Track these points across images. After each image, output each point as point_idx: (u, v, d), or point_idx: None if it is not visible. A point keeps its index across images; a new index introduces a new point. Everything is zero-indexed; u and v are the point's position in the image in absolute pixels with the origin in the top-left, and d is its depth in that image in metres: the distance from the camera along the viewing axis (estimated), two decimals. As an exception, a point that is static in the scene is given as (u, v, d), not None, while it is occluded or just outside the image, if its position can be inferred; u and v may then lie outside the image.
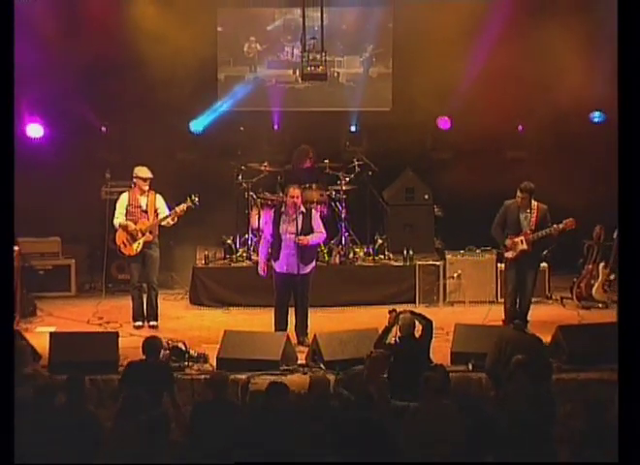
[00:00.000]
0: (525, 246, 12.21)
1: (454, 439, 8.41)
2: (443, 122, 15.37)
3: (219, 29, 15.38)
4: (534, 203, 12.29)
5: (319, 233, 12.06)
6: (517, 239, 12.25)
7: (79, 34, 14.12)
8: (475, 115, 14.44)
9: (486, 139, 14.69)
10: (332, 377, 9.91)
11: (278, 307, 12.04)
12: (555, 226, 12.16)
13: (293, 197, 11.91)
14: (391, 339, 10.42)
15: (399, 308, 10.82)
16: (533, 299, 13.02)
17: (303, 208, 12.03)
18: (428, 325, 10.41)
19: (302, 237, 11.81)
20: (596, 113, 15.12)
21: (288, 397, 8.80)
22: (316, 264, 12.30)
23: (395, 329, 10.38)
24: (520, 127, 15.33)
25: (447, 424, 8.56)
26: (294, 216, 11.92)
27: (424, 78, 14.45)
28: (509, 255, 12.37)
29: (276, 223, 11.98)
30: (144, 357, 9.76)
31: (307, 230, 11.92)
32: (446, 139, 15.62)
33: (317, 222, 12.09)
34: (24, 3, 13.45)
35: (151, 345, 9.79)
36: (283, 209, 12.03)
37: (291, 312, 12.08)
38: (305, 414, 8.61)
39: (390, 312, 10.51)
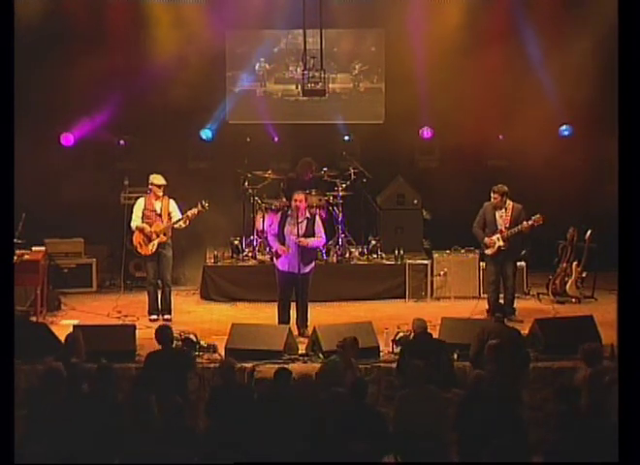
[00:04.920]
0: (501, 243, 12.30)
1: (437, 420, 8.45)
2: (426, 132, 15.38)
3: (238, 51, 15.51)
4: (509, 203, 12.41)
5: (319, 238, 12.04)
6: (494, 237, 12.33)
7: (102, 56, 14.15)
8: (458, 126, 14.46)
9: (469, 149, 14.71)
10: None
11: (281, 302, 12.02)
12: (525, 222, 12.21)
13: (296, 201, 11.91)
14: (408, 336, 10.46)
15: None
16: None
17: (308, 214, 12.02)
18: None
19: (302, 239, 11.79)
20: (564, 127, 15.11)
21: (292, 381, 8.84)
22: (315, 265, 12.28)
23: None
24: (500, 137, 15.34)
25: (432, 407, 8.60)
26: (299, 220, 11.90)
27: (413, 95, 14.50)
28: (489, 252, 12.46)
29: (282, 225, 11.97)
30: (160, 347, 9.80)
31: (310, 233, 11.91)
32: (433, 150, 15.64)
33: (319, 228, 12.08)
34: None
35: (163, 332, 9.83)
36: (289, 212, 12.03)
37: (292, 307, 12.07)
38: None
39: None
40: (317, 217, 12.28)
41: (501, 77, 14.64)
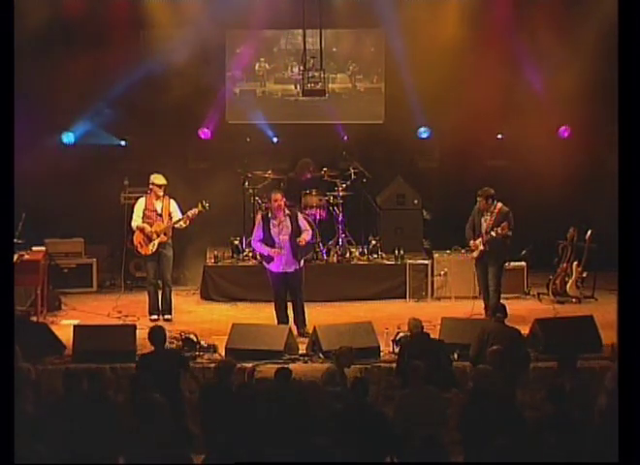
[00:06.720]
0: (482, 246, 12.27)
1: (437, 420, 8.45)
2: (425, 132, 15.41)
3: (237, 51, 15.54)
4: (497, 206, 12.33)
5: (307, 231, 11.98)
6: (477, 241, 12.33)
7: (102, 56, 14.17)
8: (458, 126, 14.46)
9: (469, 149, 14.72)
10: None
11: (277, 303, 12.02)
12: (496, 228, 12.13)
13: (276, 201, 11.86)
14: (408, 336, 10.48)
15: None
16: (512, 295, 13.22)
17: (287, 211, 11.97)
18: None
19: (301, 238, 11.79)
20: (563, 128, 15.14)
21: (292, 381, 8.86)
22: (304, 262, 12.23)
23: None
24: (499, 136, 15.37)
25: (431, 407, 8.61)
26: (282, 218, 11.88)
27: (412, 95, 14.52)
28: (474, 255, 12.47)
29: (266, 228, 11.92)
30: (152, 348, 9.79)
31: (296, 229, 11.88)
32: (432, 150, 15.67)
33: (303, 222, 12.05)
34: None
35: (155, 334, 9.79)
36: (270, 215, 11.98)
37: (290, 307, 12.06)
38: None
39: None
40: (297, 212, 12.23)
41: (501, 77, 14.64)
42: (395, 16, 14.58)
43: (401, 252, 14.04)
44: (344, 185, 14.20)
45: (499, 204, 12.35)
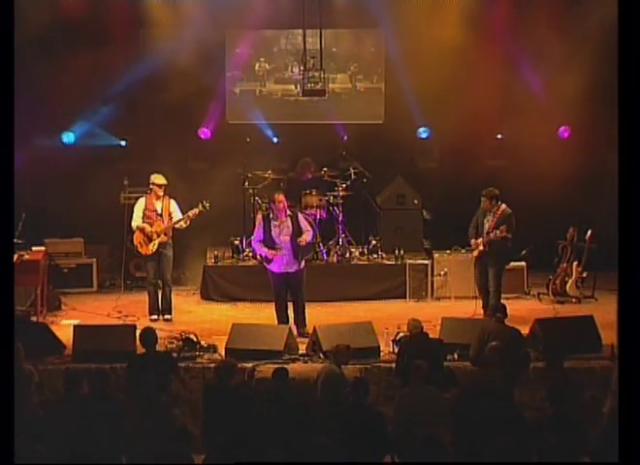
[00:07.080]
0: (482, 247, 12.27)
1: (438, 420, 8.45)
2: (425, 132, 15.42)
3: (237, 51, 15.56)
4: (500, 208, 12.32)
5: (308, 232, 11.99)
6: (478, 240, 12.33)
7: (102, 56, 14.20)
8: (458, 126, 14.46)
9: (468, 149, 14.73)
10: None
11: (278, 303, 12.02)
12: (495, 231, 12.13)
13: (280, 202, 11.87)
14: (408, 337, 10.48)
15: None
16: (512, 295, 13.22)
17: (289, 212, 11.98)
18: None
19: (301, 238, 11.80)
20: (563, 128, 15.16)
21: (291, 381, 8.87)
22: (306, 262, 12.23)
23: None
24: (499, 136, 15.39)
25: (431, 407, 8.61)
26: (283, 219, 11.89)
27: (412, 95, 14.52)
28: (474, 254, 12.48)
29: (267, 229, 11.91)
30: (143, 350, 9.81)
31: (297, 230, 11.89)
32: (432, 150, 15.69)
33: (303, 222, 12.06)
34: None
35: (147, 335, 9.81)
36: (272, 215, 11.98)
37: (290, 307, 12.06)
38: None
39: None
40: (298, 213, 12.23)
41: (501, 77, 14.66)
42: (395, 17, 14.58)
43: (401, 252, 14.04)
44: (344, 185, 14.21)
45: (503, 206, 12.34)
